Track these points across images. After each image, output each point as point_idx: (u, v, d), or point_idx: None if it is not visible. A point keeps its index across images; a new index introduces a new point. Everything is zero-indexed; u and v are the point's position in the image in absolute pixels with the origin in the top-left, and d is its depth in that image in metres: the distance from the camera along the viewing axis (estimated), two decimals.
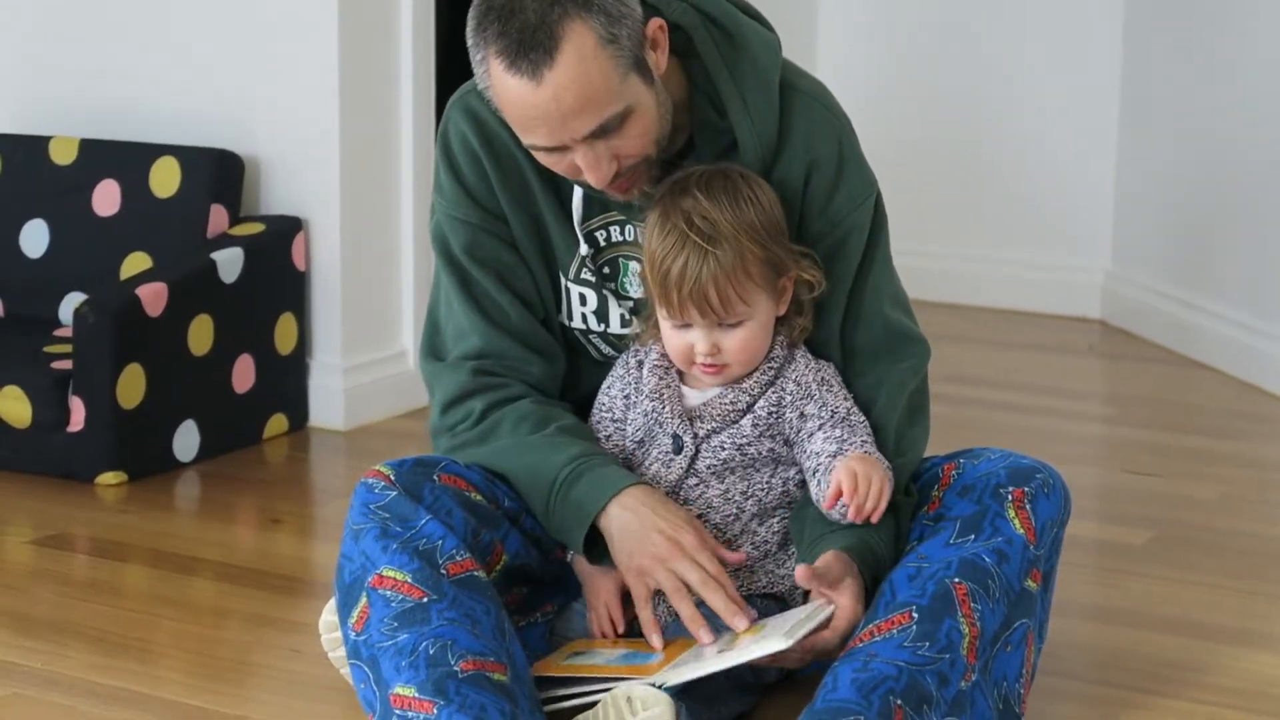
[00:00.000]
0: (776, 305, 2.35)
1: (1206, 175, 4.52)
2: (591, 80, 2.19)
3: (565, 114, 2.20)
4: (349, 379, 3.87)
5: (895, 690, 2.16)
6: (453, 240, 2.46)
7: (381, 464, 2.35)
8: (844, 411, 2.36)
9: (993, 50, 5.05)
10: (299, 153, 3.83)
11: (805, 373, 2.37)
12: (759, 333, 2.34)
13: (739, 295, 2.29)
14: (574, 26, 2.18)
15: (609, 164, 2.26)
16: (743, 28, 2.36)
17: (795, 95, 2.38)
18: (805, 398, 2.36)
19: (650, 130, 2.28)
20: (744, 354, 2.34)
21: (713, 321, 2.31)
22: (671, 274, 2.29)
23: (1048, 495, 2.35)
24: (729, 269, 2.28)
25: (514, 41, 2.18)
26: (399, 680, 2.17)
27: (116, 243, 3.80)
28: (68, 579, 3.03)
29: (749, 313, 2.31)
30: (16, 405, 3.46)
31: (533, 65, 2.18)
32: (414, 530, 2.27)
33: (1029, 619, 2.30)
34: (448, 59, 4.15)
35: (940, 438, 2.64)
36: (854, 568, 2.31)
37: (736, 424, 2.36)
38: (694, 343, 2.33)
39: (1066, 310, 4.99)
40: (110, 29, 3.99)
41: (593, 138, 2.23)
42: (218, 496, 3.49)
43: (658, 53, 2.28)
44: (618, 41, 2.20)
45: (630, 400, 2.42)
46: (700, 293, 2.28)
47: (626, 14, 2.22)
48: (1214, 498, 3.45)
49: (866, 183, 2.42)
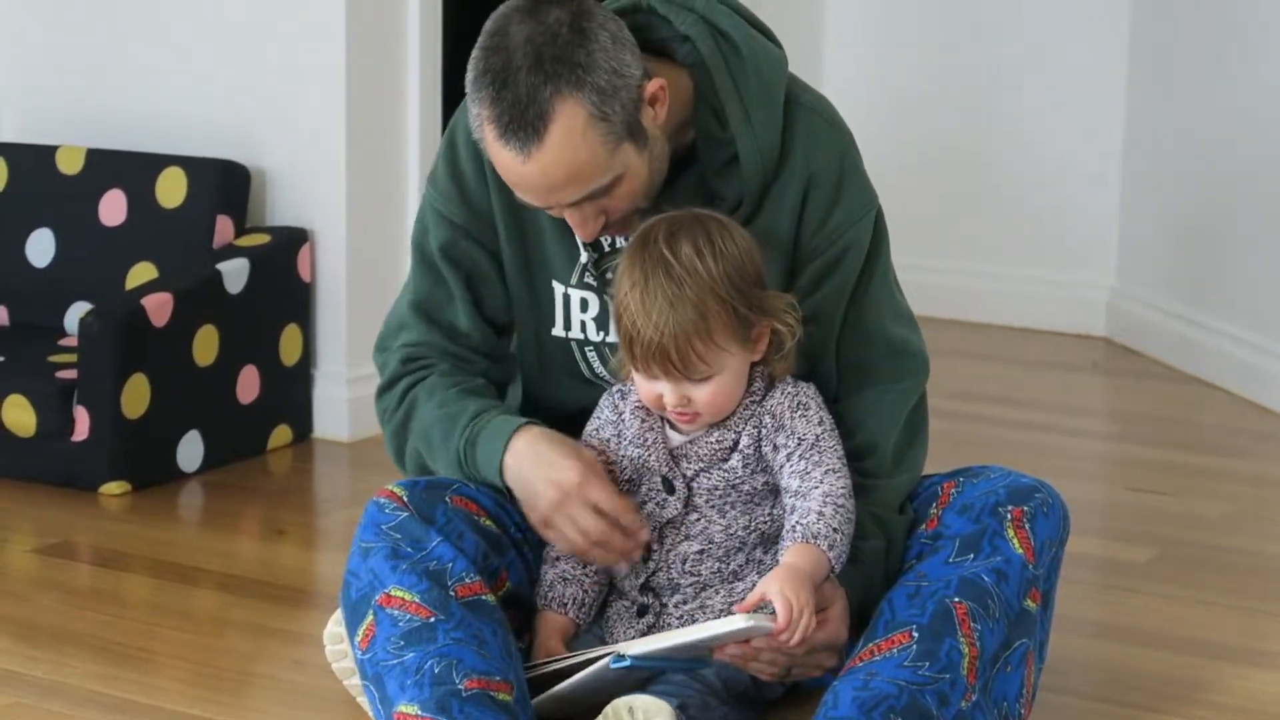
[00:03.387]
0: (750, 352, 2.31)
1: (1212, 193, 4.52)
2: (579, 159, 2.20)
3: (552, 188, 2.22)
4: (353, 390, 3.87)
5: (896, 709, 2.16)
6: (431, 234, 2.48)
7: (394, 484, 2.35)
8: (813, 438, 2.31)
9: (998, 67, 5.05)
10: (305, 164, 3.84)
11: (780, 402, 2.33)
12: (730, 384, 2.29)
13: (699, 356, 2.24)
14: (564, 106, 2.18)
15: (595, 220, 2.29)
16: (750, 41, 2.36)
17: (798, 109, 2.38)
18: (778, 429, 2.32)
19: (638, 191, 2.29)
20: (713, 406, 2.30)
21: (678, 377, 2.27)
22: (634, 331, 2.25)
23: (1047, 515, 2.34)
24: (690, 330, 2.23)
25: (505, 114, 2.19)
26: (403, 698, 2.17)
27: (122, 253, 3.80)
28: (70, 588, 3.03)
29: (714, 369, 2.27)
30: (21, 414, 3.46)
31: (521, 142, 2.19)
32: (425, 552, 2.27)
33: (1029, 639, 2.30)
34: (454, 70, 4.15)
35: (942, 454, 2.64)
36: (840, 590, 2.31)
37: (726, 462, 2.34)
38: (663, 394, 2.29)
39: (1071, 327, 4.98)
40: (117, 39, 4.00)
41: (580, 203, 2.25)
42: (221, 507, 3.49)
43: (657, 107, 2.28)
44: (609, 119, 2.20)
45: (616, 442, 2.39)
46: (662, 353, 2.24)
47: (621, 86, 2.21)
48: (1218, 516, 3.44)
49: (866, 200, 2.41)
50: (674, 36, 2.34)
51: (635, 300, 2.24)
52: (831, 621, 2.28)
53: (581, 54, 2.19)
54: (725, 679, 2.30)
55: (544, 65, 2.17)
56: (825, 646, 2.28)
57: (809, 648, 2.25)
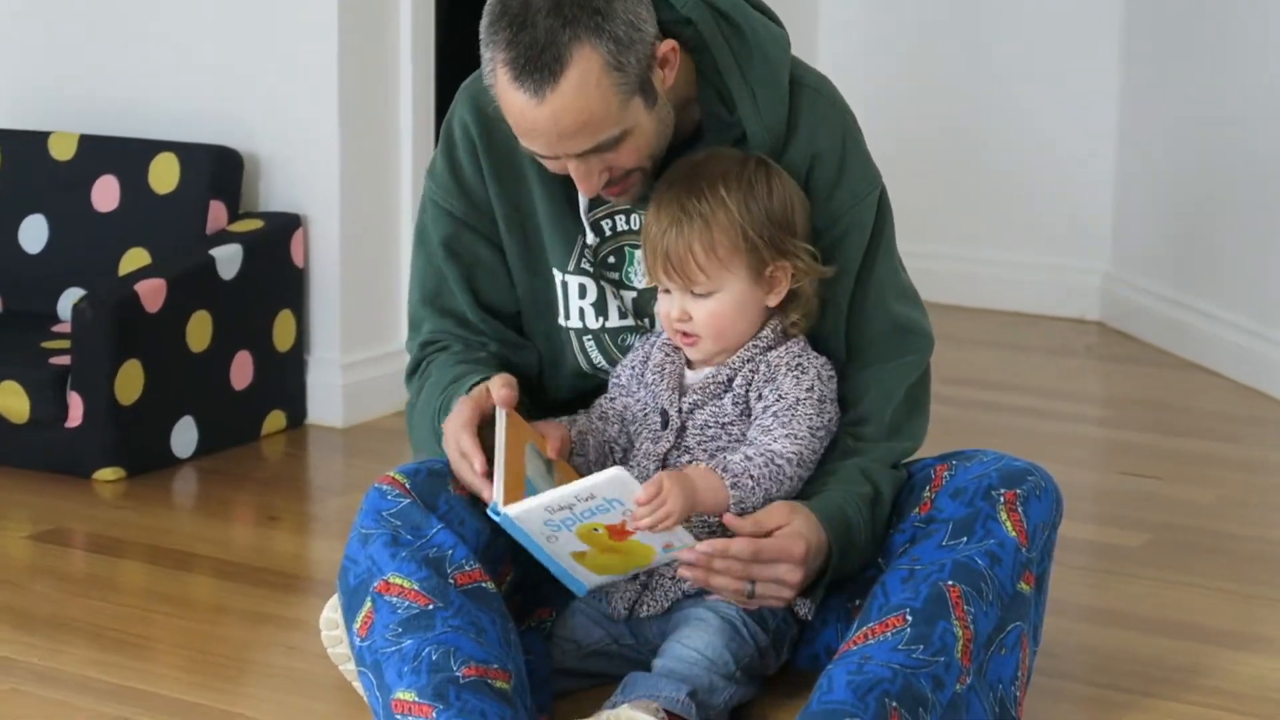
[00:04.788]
0: (762, 292, 2.36)
1: (1206, 177, 4.52)
2: (592, 106, 2.21)
3: (562, 133, 2.23)
4: (347, 376, 3.87)
5: (890, 693, 2.16)
6: (432, 227, 2.50)
7: (395, 470, 2.35)
8: (792, 400, 2.35)
9: (991, 51, 5.05)
10: (298, 149, 3.83)
11: (781, 356, 2.37)
12: (730, 309, 2.35)
13: (699, 265, 2.32)
14: (582, 51, 2.19)
15: (600, 175, 2.30)
16: (753, 23, 2.37)
17: (801, 90, 2.40)
18: (768, 380, 2.36)
19: (644, 149, 2.30)
20: (710, 327, 2.35)
21: (679, 286, 2.34)
22: (648, 228, 2.35)
23: (1039, 498, 2.35)
24: (693, 234, 2.31)
25: (521, 56, 2.19)
26: (400, 685, 2.17)
27: (115, 238, 3.80)
28: (65, 574, 3.03)
29: (712, 285, 2.33)
30: (15, 400, 3.46)
31: (536, 84, 2.19)
32: (425, 539, 2.27)
33: (1023, 622, 2.30)
34: (447, 55, 4.15)
35: (936, 438, 2.64)
36: (800, 513, 2.29)
37: (720, 400, 2.37)
38: (669, 309, 2.37)
39: (1065, 312, 4.99)
40: (110, 24, 3.99)
41: (587, 154, 2.26)
42: (215, 493, 3.49)
43: (666, 70, 2.29)
44: (624, 69, 2.22)
45: (637, 382, 2.44)
46: (662, 251, 2.32)
47: (638, 39, 2.23)
48: (1211, 500, 3.45)
49: (870, 179, 2.43)
50: (676, 19, 2.34)
51: (653, 207, 2.34)
52: (784, 537, 2.26)
53: (601, 2, 2.20)
54: (733, 652, 2.32)
55: (563, 10, 2.18)
56: (774, 558, 2.25)
57: (755, 555, 2.23)
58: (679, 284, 2.34)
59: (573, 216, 2.44)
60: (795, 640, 2.45)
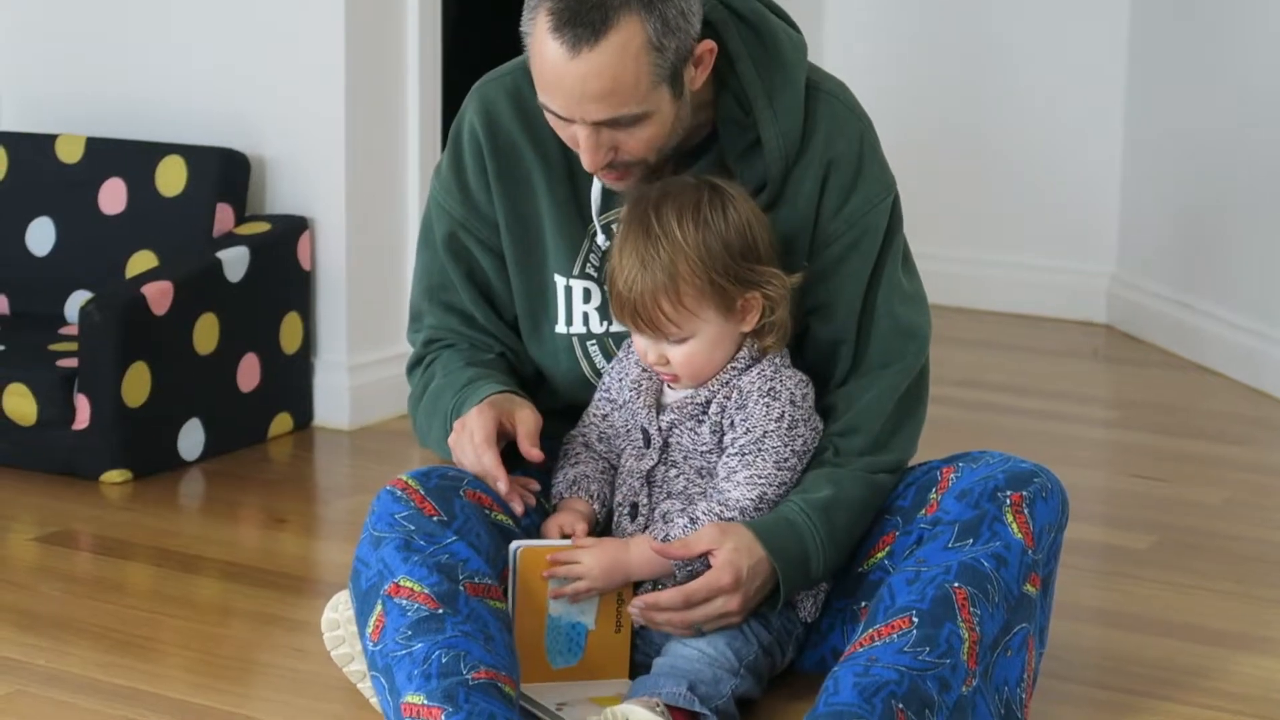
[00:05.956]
0: (735, 323, 2.33)
1: (1213, 179, 4.51)
2: (623, 76, 2.20)
3: (586, 96, 2.22)
4: (354, 378, 3.87)
5: (897, 695, 2.16)
6: (436, 226, 2.52)
7: (406, 474, 2.35)
8: (759, 434, 2.33)
9: (998, 53, 5.04)
10: (305, 152, 3.84)
11: (753, 381, 2.35)
12: (706, 349, 2.33)
13: (667, 317, 2.29)
14: (629, 19, 2.19)
15: (605, 152, 2.28)
16: (772, 27, 2.37)
17: (818, 95, 2.40)
18: (739, 407, 2.35)
19: (656, 139, 2.29)
20: (688, 368, 2.34)
21: (651, 338, 2.32)
22: (612, 284, 2.32)
23: (1045, 499, 2.34)
24: (657, 290, 2.28)
25: (569, 7, 2.19)
26: (410, 689, 2.17)
27: (122, 241, 3.80)
28: (72, 576, 3.03)
29: (684, 333, 2.31)
30: (22, 402, 3.46)
31: (575, 38, 2.19)
32: (439, 545, 2.27)
33: (1029, 624, 2.30)
34: (453, 58, 4.15)
35: (943, 440, 2.64)
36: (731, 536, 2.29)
37: (699, 426, 2.36)
38: (645, 350, 2.35)
39: (1072, 314, 4.98)
40: (117, 28, 4.00)
41: (601, 125, 2.24)
42: (222, 495, 3.49)
43: (699, 70, 2.29)
44: (663, 50, 2.22)
45: (619, 391, 2.44)
46: (630, 309, 2.30)
47: (683, 28, 2.23)
48: (1218, 503, 3.45)
49: (884, 184, 2.43)
50: None
51: (615, 254, 2.32)
52: (714, 571, 2.28)
53: None
54: (736, 650, 2.32)
55: None
56: (707, 597, 2.29)
57: (686, 600, 2.28)
58: (650, 336, 2.33)
59: (579, 220, 2.44)
60: (801, 640, 2.45)
